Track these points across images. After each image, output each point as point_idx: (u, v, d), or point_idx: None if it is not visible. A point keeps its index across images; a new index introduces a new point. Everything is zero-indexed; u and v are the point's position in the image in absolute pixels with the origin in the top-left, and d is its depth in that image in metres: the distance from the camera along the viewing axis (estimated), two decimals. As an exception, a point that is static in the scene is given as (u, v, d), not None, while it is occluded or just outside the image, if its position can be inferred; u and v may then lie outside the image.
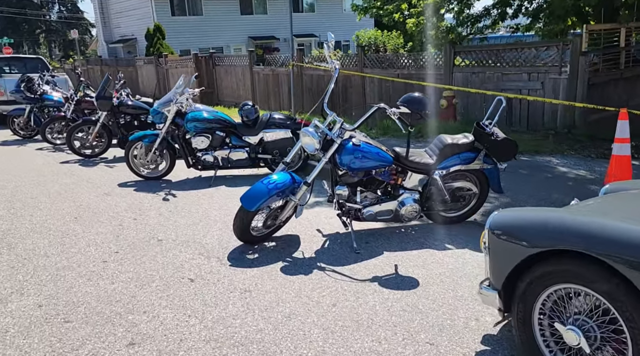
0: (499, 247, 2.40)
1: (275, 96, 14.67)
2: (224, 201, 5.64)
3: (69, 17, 55.39)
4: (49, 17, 55.34)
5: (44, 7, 55.60)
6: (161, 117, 6.52)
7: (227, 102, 16.46)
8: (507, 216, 2.44)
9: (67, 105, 9.73)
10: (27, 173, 7.35)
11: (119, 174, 7.15)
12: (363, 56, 11.87)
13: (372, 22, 31.24)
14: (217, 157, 6.53)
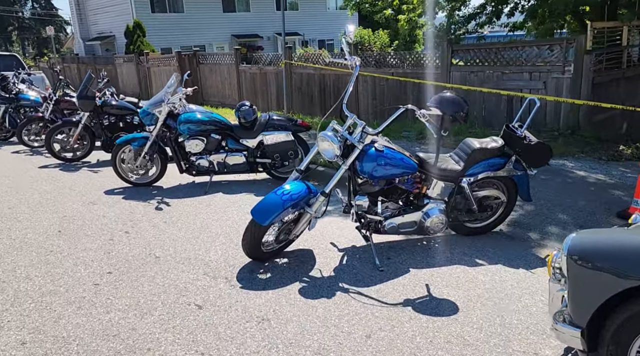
0: (582, 277, 2.02)
1: (263, 95, 14.18)
2: (223, 210, 5.18)
3: (42, 14, 53.95)
4: (21, 13, 53.80)
5: (17, 4, 54.04)
6: (151, 118, 6.03)
7: (212, 102, 15.93)
8: (592, 239, 2.06)
9: (45, 105, 9.13)
10: (3, 180, 6.77)
11: (104, 180, 6.63)
12: (356, 55, 11.48)
13: (356, 21, 30.92)
14: (213, 162, 6.07)
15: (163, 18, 25.71)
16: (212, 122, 6.02)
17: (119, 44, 26.41)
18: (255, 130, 6.09)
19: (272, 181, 6.30)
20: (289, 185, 3.65)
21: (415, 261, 3.77)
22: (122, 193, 5.98)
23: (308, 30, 30.01)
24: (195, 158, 6.05)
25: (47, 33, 23.53)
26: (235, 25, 28.01)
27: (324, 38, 30.26)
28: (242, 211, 5.12)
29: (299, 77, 12.95)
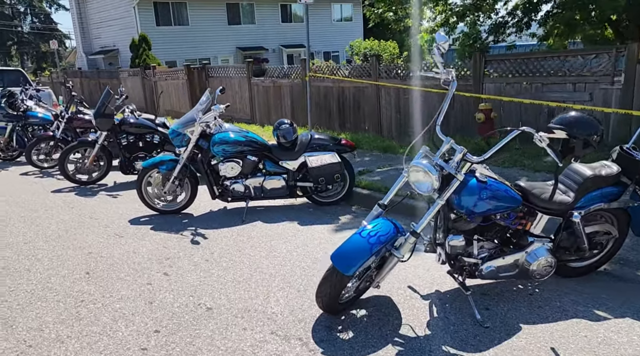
0: None
1: (277, 110, 13.59)
2: (268, 244, 4.55)
3: (42, 28, 53.58)
4: (20, 28, 53.40)
5: (16, 18, 53.69)
6: (182, 139, 5.40)
7: (222, 117, 15.31)
8: None
9: (57, 123, 8.52)
10: (15, 208, 6.13)
11: (126, 207, 5.99)
12: (377, 65, 10.87)
13: (361, 33, 30.53)
14: (249, 186, 5.45)
15: (168, 31, 25.21)
16: (248, 143, 5.41)
17: (122, 58, 25.88)
18: (297, 150, 5.48)
19: (313, 206, 5.69)
20: (373, 225, 3.02)
21: (520, 313, 3.13)
22: (149, 222, 5.34)
23: (313, 42, 29.54)
24: (230, 182, 5.43)
25: (51, 47, 22.98)
26: (241, 38, 27.53)
27: (329, 50, 29.80)
28: (290, 244, 4.49)
29: (316, 90, 12.35)
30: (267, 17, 28.36)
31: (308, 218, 5.26)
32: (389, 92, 10.59)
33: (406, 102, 10.28)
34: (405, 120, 10.28)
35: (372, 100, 10.97)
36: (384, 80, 10.57)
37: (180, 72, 16.58)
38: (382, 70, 10.82)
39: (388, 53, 22.54)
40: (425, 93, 9.54)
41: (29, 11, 55.34)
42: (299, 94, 12.55)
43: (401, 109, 10.35)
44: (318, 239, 4.61)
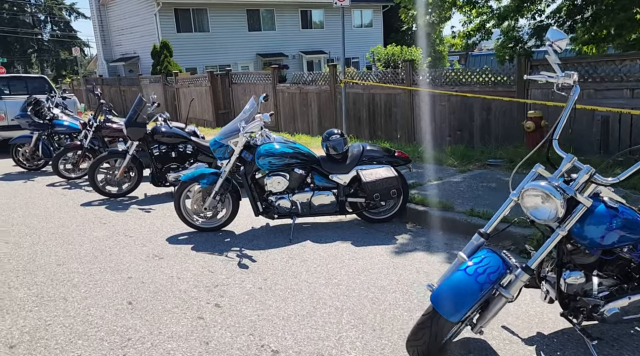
0: None
1: (302, 117, 13.16)
2: (324, 268, 4.06)
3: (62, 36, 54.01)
4: (40, 36, 53.87)
5: (36, 27, 54.20)
6: (224, 151, 4.95)
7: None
8: None
9: (84, 132, 8.14)
10: (44, 223, 5.72)
11: (161, 223, 5.55)
12: (412, 71, 10.37)
13: (381, 39, 30.07)
14: (296, 202, 4.97)
15: (188, 38, 24.95)
16: (296, 155, 4.94)
17: (143, 65, 25.69)
18: (348, 163, 5.00)
19: (363, 223, 5.20)
20: (478, 259, 2.52)
21: (648, 362, 2.61)
22: (188, 241, 4.89)
23: (333, 48, 29.15)
24: (275, 198, 4.96)
25: (73, 54, 22.85)
26: (261, 44, 27.20)
27: (349, 56, 29.32)
28: (350, 269, 4.00)
29: (345, 97, 11.88)
30: (287, 23, 28.01)
31: (362, 238, 4.77)
32: (423, 98, 10.07)
33: (442, 110, 9.77)
34: (442, 128, 9.77)
35: (405, 107, 10.47)
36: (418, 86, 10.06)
37: (203, 79, 16.25)
38: (416, 75, 10.32)
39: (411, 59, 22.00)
40: (465, 100, 9.04)
41: (49, 19, 55.87)
42: (327, 101, 12.11)
43: (436, 118, 9.83)
44: (379, 263, 4.12)
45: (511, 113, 8.56)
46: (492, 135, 8.92)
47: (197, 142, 6.91)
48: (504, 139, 8.63)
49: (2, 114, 10.94)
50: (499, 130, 8.82)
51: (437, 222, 4.90)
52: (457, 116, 9.49)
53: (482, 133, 9.16)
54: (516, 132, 8.43)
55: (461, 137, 9.45)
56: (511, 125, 8.51)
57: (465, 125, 9.38)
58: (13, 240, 5.07)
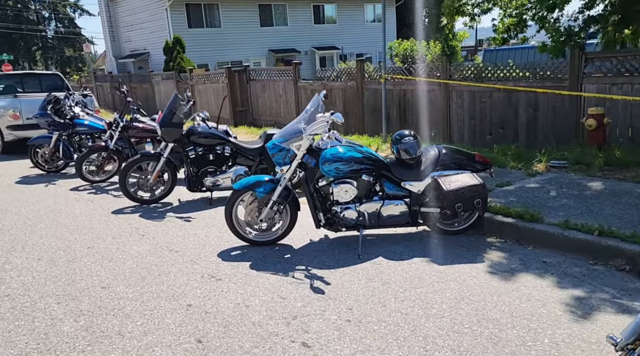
0: None
1: (326, 114, 12.51)
2: (415, 293, 3.49)
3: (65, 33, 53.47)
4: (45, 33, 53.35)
5: (40, 24, 53.68)
6: (285, 155, 4.37)
7: (264, 122, 14.41)
8: None
9: (110, 132, 7.57)
10: (77, 234, 5.16)
11: (206, 234, 4.99)
12: (448, 65, 9.73)
13: (394, 34, 29.45)
14: (364, 213, 4.40)
15: (200, 33, 24.33)
16: (365, 160, 4.36)
17: (153, 61, 25.10)
18: (423, 169, 4.42)
19: (436, 236, 4.62)
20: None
21: None
22: (243, 257, 4.32)
23: (345, 43, 28.52)
24: (340, 208, 4.38)
25: (85, 50, 22.25)
26: (273, 40, 26.58)
27: (362, 52, 28.72)
28: (446, 296, 3.42)
29: (373, 94, 11.28)
30: (300, 18, 27.38)
31: (441, 254, 4.20)
32: (461, 94, 9.47)
33: (482, 107, 9.16)
34: (482, 126, 9.16)
35: (440, 104, 9.84)
36: (458, 79, 9.44)
37: (220, 75, 15.66)
38: (453, 70, 9.69)
39: (431, 55, 21.41)
40: (509, 96, 8.44)
41: (53, 16, 55.33)
42: (353, 98, 11.52)
43: (476, 115, 9.22)
44: (477, 288, 3.54)
45: (562, 110, 7.95)
46: (540, 133, 8.32)
47: (236, 143, 6.35)
48: (554, 138, 8.02)
49: (17, 113, 10.38)
50: (548, 128, 8.21)
51: (525, 236, 4.32)
52: (499, 113, 8.88)
53: (528, 132, 8.56)
54: (568, 130, 7.83)
55: (503, 135, 8.85)
56: (562, 123, 7.91)
57: (508, 123, 8.78)
58: (46, 256, 4.51)
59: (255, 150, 6.34)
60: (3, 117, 10.43)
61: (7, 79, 11.82)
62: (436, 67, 10.10)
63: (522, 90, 8.28)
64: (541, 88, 7.97)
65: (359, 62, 11.73)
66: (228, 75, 15.16)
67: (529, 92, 8.20)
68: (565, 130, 7.88)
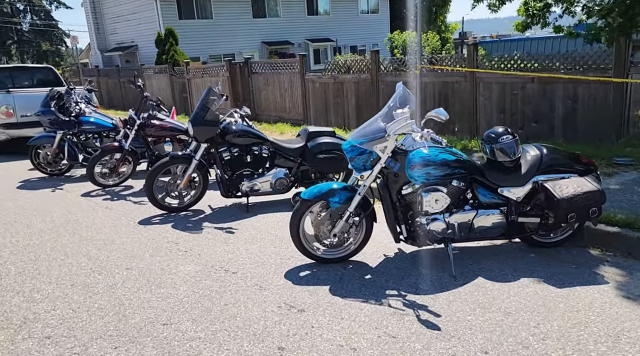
0: None
1: (337, 110, 11.86)
2: (549, 326, 2.89)
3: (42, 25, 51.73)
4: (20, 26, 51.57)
5: (15, 16, 51.86)
6: (366, 159, 3.71)
7: (268, 117, 13.71)
8: None
9: (124, 131, 6.83)
10: (107, 251, 4.44)
11: (259, 250, 4.33)
12: (475, 54, 9.10)
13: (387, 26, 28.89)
14: (454, 225, 3.78)
15: (191, 25, 23.38)
16: (458, 163, 3.73)
17: (142, 54, 24.09)
18: (525, 173, 3.81)
19: (528, 249, 4.03)
20: None
21: None
22: (317, 279, 3.67)
23: (339, 36, 27.82)
24: (426, 219, 3.75)
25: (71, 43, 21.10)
26: (266, 32, 25.74)
27: (356, 44, 28.08)
28: (591, 331, 2.82)
29: (391, 86, 10.63)
30: (293, 9, 26.58)
31: (550, 274, 3.60)
32: (488, 85, 8.88)
33: (514, 99, 8.59)
34: (513, 120, 8.59)
35: (465, 97, 9.25)
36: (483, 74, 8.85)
37: (221, 68, 14.89)
38: (479, 59, 9.09)
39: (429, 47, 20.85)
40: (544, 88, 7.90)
41: (28, 9, 53.52)
42: (367, 92, 10.88)
43: (506, 109, 8.66)
44: (628, 320, 2.95)
45: (605, 102, 7.42)
46: (579, 127, 7.80)
47: (276, 142, 5.68)
48: (596, 132, 7.51)
49: (11, 110, 9.50)
50: (589, 121, 7.67)
51: (639, 248, 3.75)
52: (532, 106, 8.34)
53: (566, 126, 8.04)
54: (611, 123, 7.30)
55: (538, 130, 8.31)
56: (604, 116, 7.38)
57: (543, 116, 8.24)
58: (80, 282, 3.80)
59: (296, 150, 5.69)
60: (-5, 114, 9.55)
61: (-3, 73, 10.91)
62: (460, 58, 9.52)
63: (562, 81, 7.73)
64: (582, 81, 7.44)
65: (373, 53, 11.08)
66: (229, 68, 14.41)
67: (567, 83, 7.68)
68: (607, 124, 7.37)
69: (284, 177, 5.61)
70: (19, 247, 4.63)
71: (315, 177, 5.84)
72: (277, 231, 4.81)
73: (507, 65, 8.48)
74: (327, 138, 5.71)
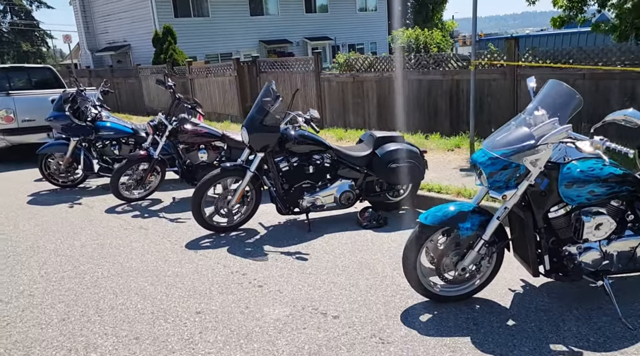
0: None
1: (356, 110, 11.08)
2: None
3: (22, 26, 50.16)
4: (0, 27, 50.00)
5: (-7, 15, 50.29)
6: (511, 175, 2.92)
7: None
8: None
9: (152, 137, 5.98)
10: (163, 286, 3.62)
11: (347, 281, 3.55)
12: (516, 48, 8.34)
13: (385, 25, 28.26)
14: (612, 254, 3.04)
15: (187, 23, 22.38)
16: (625, 178, 2.98)
17: (135, 54, 23.03)
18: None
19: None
20: None
21: None
22: (447, 326, 2.91)
23: (337, 34, 27.06)
24: (577, 249, 3.00)
25: (64, 41, 19.99)
26: (263, 30, 24.85)
27: (354, 42, 27.35)
28: None
29: (417, 84, 9.91)
30: (291, 7, 25.75)
31: None
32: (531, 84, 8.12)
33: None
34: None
35: (505, 95, 8.53)
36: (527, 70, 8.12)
37: (228, 68, 14.03)
38: (520, 54, 8.36)
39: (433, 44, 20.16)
40: (597, 85, 7.24)
41: (8, 9, 51.91)
42: (391, 91, 10.14)
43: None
44: None
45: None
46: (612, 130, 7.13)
47: (339, 150, 4.89)
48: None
49: (11, 114, 8.54)
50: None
51: None
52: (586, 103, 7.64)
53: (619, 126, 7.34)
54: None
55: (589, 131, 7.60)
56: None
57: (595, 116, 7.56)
58: (145, 332, 2.96)
59: (362, 159, 4.92)
60: (-7, 119, 8.58)
61: (-8, 74, 9.92)
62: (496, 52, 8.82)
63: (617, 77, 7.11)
64: None
65: (399, 49, 10.31)
66: (237, 67, 13.57)
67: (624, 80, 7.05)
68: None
69: (349, 190, 4.83)
70: (52, 282, 3.78)
71: (381, 189, 5.07)
72: (357, 256, 4.04)
73: (553, 61, 7.78)
74: (397, 144, 4.95)
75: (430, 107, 9.60)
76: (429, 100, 9.70)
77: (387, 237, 4.45)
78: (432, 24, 29.10)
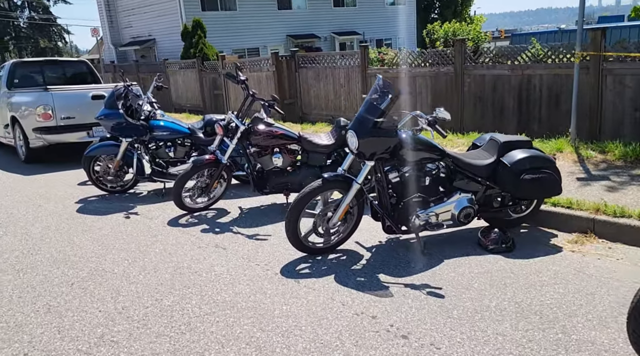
0: None
1: (410, 108, 10.20)
2: None
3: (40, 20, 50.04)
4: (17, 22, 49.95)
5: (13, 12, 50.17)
6: None
7: (316, 117, 12.14)
8: None
9: (219, 138, 5.20)
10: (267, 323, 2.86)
11: (511, 328, 2.72)
12: (602, 39, 7.37)
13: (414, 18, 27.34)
14: None
15: (214, 17, 21.63)
16: None
17: (160, 49, 22.34)
18: None
19: None
20: None
21: None
22: None
23: (365, 28, 26.17)
24: None
25: (92, 35, 19.35)
26: (291, 24, 24.03)
27: (382, 37, 26.44)
28: None
29: (480, 80, 9.05)
30: (318, 0, 24.89)
31: None
32: (622, 79, 7.25)
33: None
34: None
35: (585, 92, 7.57)
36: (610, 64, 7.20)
37: (266, 62, 13.27)
38: (606, 47, 7.41)
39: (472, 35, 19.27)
40: None
41: (26, 4, 51.92)
42: (448, 87, 9.35)
43: (641, 105, 7.03)
44: None
45: None
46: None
47: (458, 157, 4.08)
48: None
49: (50, 111, 7.82)
50: None
51: None
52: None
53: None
54: None
55: None
56: None
57: None
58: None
59: (485, 168, 4.11)
60: (29, 116, 7.87)
61: (25, 68, 9.21)
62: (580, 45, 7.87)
63: None
64: None
65: (458, 42, 9.49)
66: (276, 62, 12.80)
67: None
68: None
69: (469, 205, 4.02)
70: (135, 322, 3.01)
71: (502, 204, 4.24)
72: (507, 294, 3.22)
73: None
74: (527, 151, 4.14)
75: (494, 104, 8.76)
76: (494, 97, 8.86)
77: (527, 266, 3.63)
78: (461, 19, 28.15)
